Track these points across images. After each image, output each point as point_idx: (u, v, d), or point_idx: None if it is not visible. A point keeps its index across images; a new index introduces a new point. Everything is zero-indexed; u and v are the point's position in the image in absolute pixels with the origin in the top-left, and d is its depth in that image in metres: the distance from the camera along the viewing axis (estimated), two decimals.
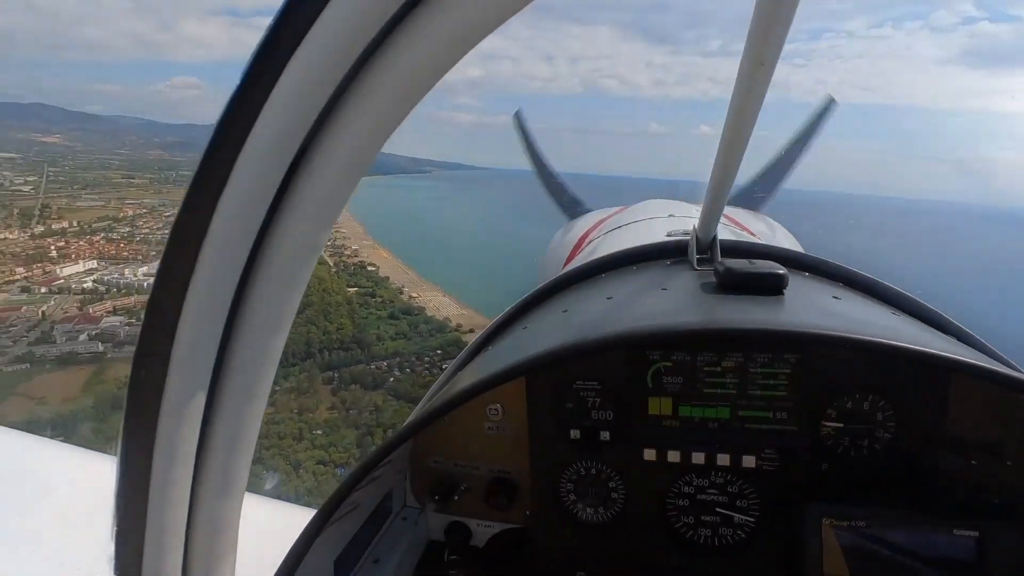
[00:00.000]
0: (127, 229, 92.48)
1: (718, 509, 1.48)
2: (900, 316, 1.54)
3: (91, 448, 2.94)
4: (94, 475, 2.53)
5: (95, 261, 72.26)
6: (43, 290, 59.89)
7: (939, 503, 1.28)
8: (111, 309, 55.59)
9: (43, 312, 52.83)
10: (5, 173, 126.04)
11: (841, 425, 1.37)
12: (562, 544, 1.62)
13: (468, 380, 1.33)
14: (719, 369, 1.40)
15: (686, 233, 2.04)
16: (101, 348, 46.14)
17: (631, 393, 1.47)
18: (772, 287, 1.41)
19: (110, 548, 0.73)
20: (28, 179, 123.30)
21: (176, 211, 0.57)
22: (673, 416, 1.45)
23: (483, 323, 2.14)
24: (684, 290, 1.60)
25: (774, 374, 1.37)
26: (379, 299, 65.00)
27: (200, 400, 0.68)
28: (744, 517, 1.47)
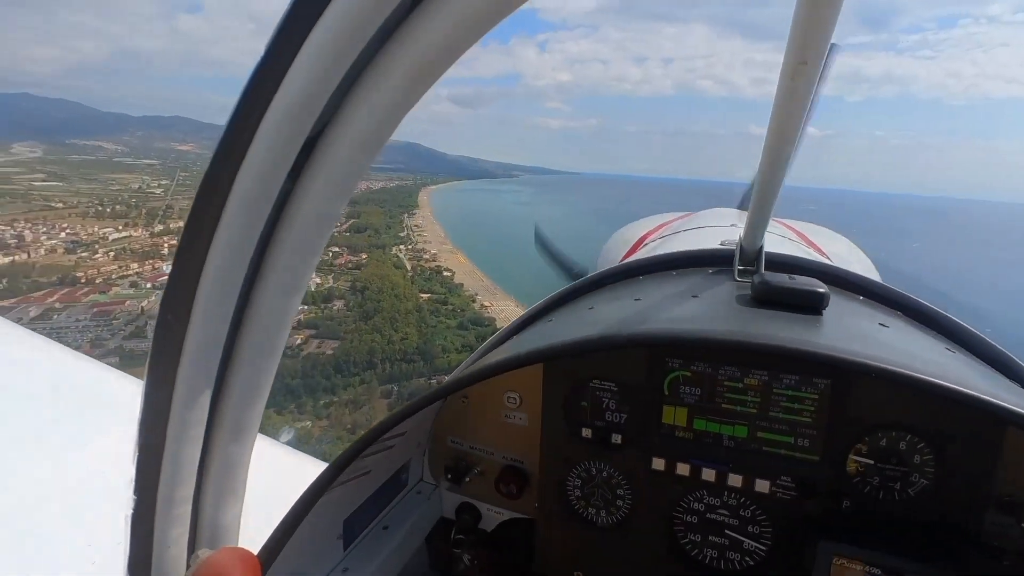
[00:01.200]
0: None
1: (728, 531, 1.39)
2: (958, 353, 1.35)
3: None
4: None
5: None
6: (148, 285, 63.43)
7: (975, 565, 1.15)
8: None
9: (143, 307, 55.36)
10: (144, 177, 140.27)
11: (871, 462, 1.25)
12: (564, 541, 1.59)
13: (487, 363, 1.33)
14: (741, 385, 1.33)
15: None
16: None
17: (647, 399, 1.41)
18: (810, 305, 1.30)
19: (131, 472, 0.78)
20: (162, 182, 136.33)
21: (206, 169, 0.61)
22: (687, 428, 1.38)
23: None
24: (716, 299, 1.49)
25: (800, 398, 1.28)
26: (450, 307, 62.58)
27: (218, 349, 0.72)
28: (755, 544, 1.37)
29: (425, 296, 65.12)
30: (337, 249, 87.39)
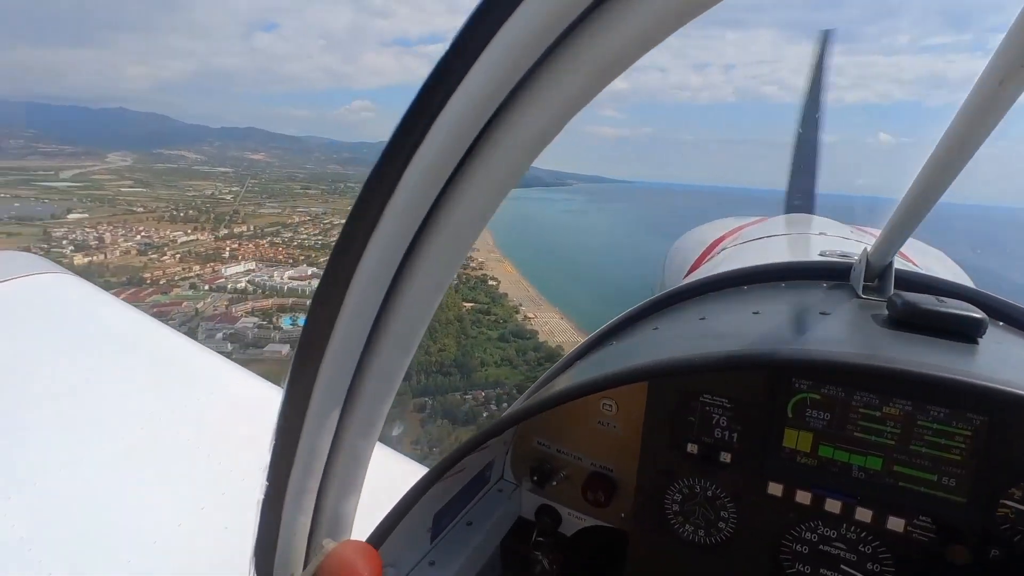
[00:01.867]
0: (290, 234, 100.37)
1: (843, 567, 1.30)
2: None
3: None
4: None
5: (254, 263, 78.18)
6: (206, 287, 65.33)
7: None
8: (249, 310, 58.14)
9: (197, 309, 56.73)
10: (218, 184, 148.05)
11: None
12: (657, 555, 1.54)
13: (592, 372, 1.29)
14: (878, 414, 1.21)
15: (843, 255, 1.94)
16: (229, 348, 47.62)
17: (766, 420, 1.32)
18: (966, 332, 1.19)
19: (266, 460, 0.81)
20: (232, 189, 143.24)
21: (367, 177, 0.61)
22: (811, 454, 1.28)
23: None
24: (848, 318, 1.40)
25: (950, 433, 1.16)
26: (493, 317, 60.57)
27: (360, 344, 0.72)
28: None
29: (468, 305, 63.52)
30: None
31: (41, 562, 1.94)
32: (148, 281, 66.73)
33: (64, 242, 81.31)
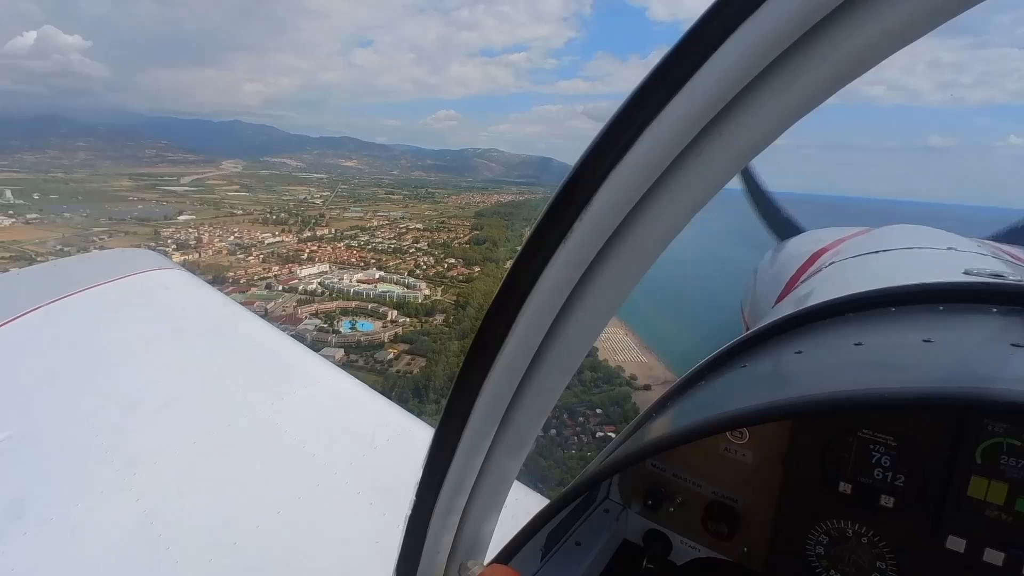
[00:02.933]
0: (366, 238, 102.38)
1: None
2: None
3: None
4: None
5: (328, 265, 79.86)
6: (280, 288, 67.16)
7: None
8: (314, 312, 58.53)
9: (267, 308, 58.02)
10: (312, 189, 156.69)
11: None
12: None
13: (730, 400, 1.21)
14: None
15: (995, 275, 1.81)
16: None
17: (945, 464, 1.18)
18: None
19: (418, 474, 0.79)
20: (323, 194, 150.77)
21: (563, 183, 0.58)
22: (1005, 508, 1.12)
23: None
24: None
25: None
26: None
27: (526, 362, 0.69)
28: None
29: None
30: (453, 260, 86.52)
31: (161, 536, 2.10)
32: (230, 280, 69.89)
33: (169, 241, 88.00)
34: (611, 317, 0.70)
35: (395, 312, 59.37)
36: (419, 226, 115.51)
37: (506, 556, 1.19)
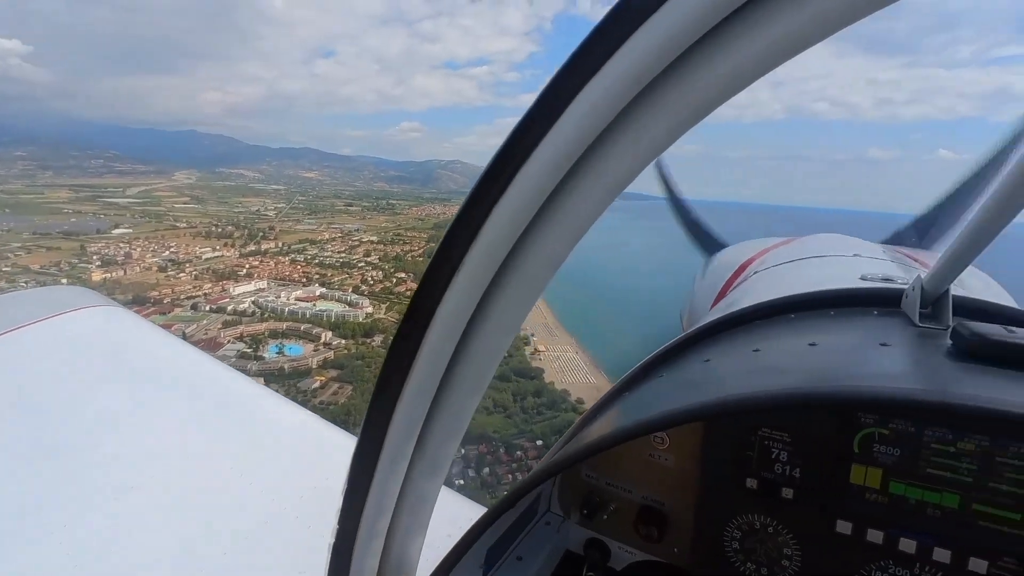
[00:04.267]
0: (315, 251, 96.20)
1: None
2: None
3: None
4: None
5: (266, 281, 73.59)
6: (208, 307, 60.73)
7: None
8: (239, 335, 52.53)
9: (185, 332, 51.74)
10: (267, 201, 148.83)
11: None
12: None
13: (646, 410, 1.24)
14: (952, 450, 1.13)
15: (886, 279, 1.93)
16: None
17: (831, 455, 1.26)
18: None
19: (339, 502, 0.80)
20: (278, 205, 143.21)
21: (455, 215, 0.60)
22: (881, 491, 1.21)
23: None
24: (911, 350, 1.33)
25: None
26: None
27: (434, 386, 0.71)
28: None
29: None
30: (403, 274, 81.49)
31: None
32: (152, 300, 63.02)
33: (95, 257, 79.91)
34: (512, 338, 0.71)
35: (330, 333, 54.11)
36: (373, 239, 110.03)
37: (442, 574, 1.19)
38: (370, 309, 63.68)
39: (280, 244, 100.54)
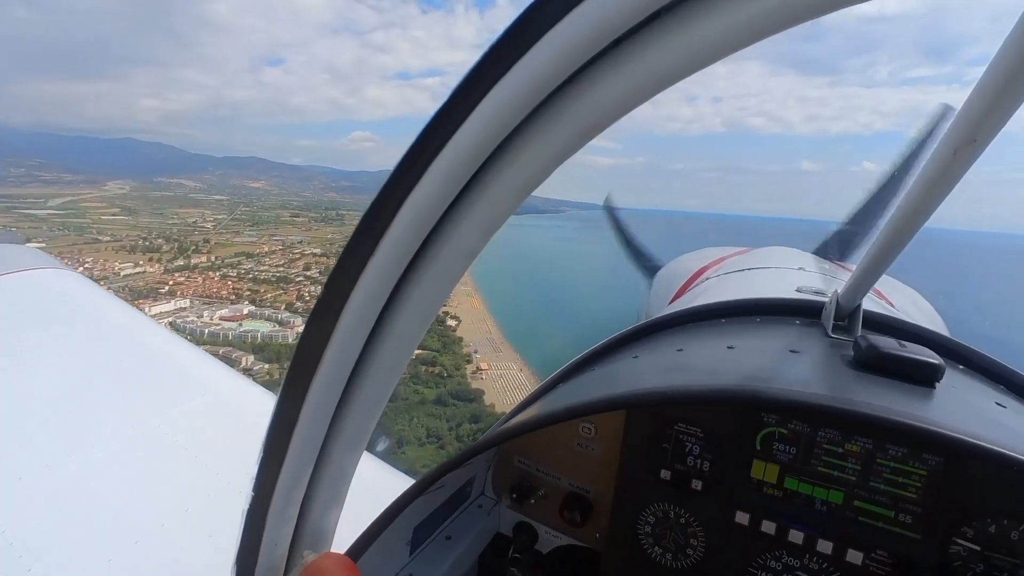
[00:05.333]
0: (250, 266, 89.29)
1: None
2: None
3: None
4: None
5: (188, 300, 66.78)
6: None
7: None
8: None
9: None
10: (206, 212, 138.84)
11: (977, 548, 1.12)
12: None
13: (572, 398, 1.32)
14: (840, 450, 1.21)
15: (818, 292, 1.98)
16: None
17: (735, 450, 1.33)
18: (923, 377, 1.21)
19: (253, 471, 0.81)
20: (218, 217, 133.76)
21: (369, 205, 0.62)
22: (777, 486, 1.29)
23: None
24: (816, 358, 1.41)
25: (907, 472, 1.16)
26: (437, 369, 48.77)
27: (349, 365, 0.73)
28: None
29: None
30: None
31: (22, 558, 1.91)
32: None
33: None
34: (427, 325, 0.74)
35: (252, 357, 48.75)
36: (317, 251, 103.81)
37: (361, 547, 1.19)
38: (302, 328, 58.50)
39: (213, 258, 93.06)
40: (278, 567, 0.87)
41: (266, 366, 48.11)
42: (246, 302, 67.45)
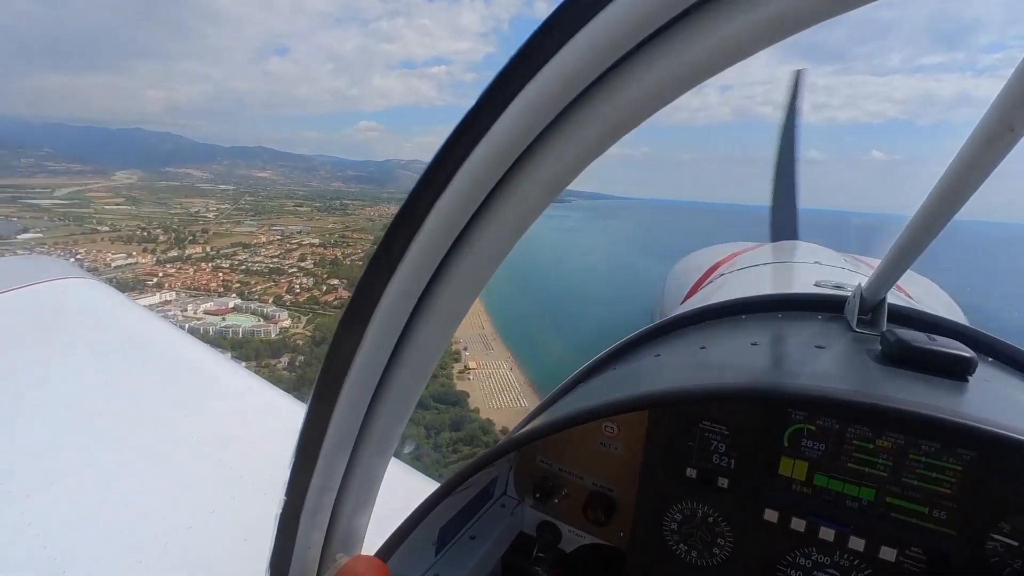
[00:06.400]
0: (244, 256, 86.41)
1: None
2: None
3: None
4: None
5: (174, 293, 63.98)
6: None
7: None
8: None
9: None
10: (210, 201, 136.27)
11: (1015, 544, 1.09)
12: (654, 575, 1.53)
13: (597, 398, 1.30)
14: (871, 446, 1.18)
15: (837, 286, 1.96)
16: None
17: (762, 448, 1.30)
18: (956, 371, 1.18)
19: (285, 475, 0.81)
20: (221, 207, 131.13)
21: (399, 208, 0.62)
22: (806, 483, 1.26)
23: None
24: (843, 353, 1.38)
25: (940, 467, 1.13)
26: None
27: (380, 369, 0.73)
28: None
29: None
30: (336, 281, 73.13)
31: (56, 560, 1.96)
32: None
33: None
34: (456, 326, 0.73)
35: (227, 356, 45.68)
36: (315, 241, 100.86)
37: (390, 548, 1.20)
38: (287, 323, 55.45)
39: (209, 249, 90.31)
40: (311, 570, 0.87)
41: (244, 364, 45.19)
42: (234, 295, 64.55)
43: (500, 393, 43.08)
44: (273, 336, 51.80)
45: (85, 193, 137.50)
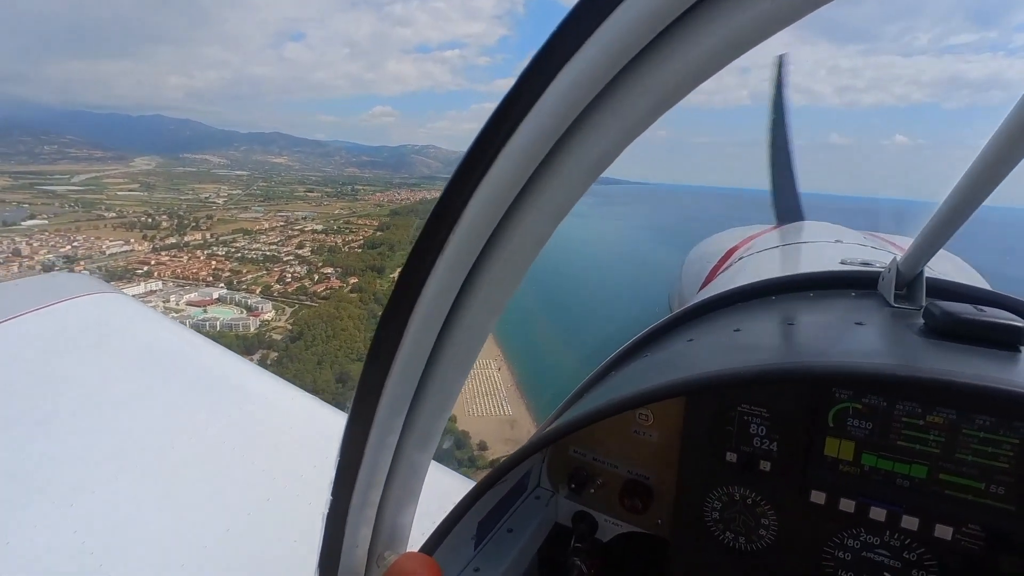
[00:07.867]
0: (242, 243, 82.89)
1: (887, 574, 1.23)
2: None
3: None
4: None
5: (161, 283, 60.66)
6: None
7: None
8: None
9: None
10: (223, 187, 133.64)
11: None
12: (696, 562, 1.48)
13: (629, 387, 1.25)
14: (921, 423, 1.13)
15: (865, 263, 1.93)
16: None
17: (806, 429, 1.25)
18: (1008, 341, 1.12)
19: (331, 474, 0.80)
20: (232, 192, 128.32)
21: (439, 197, 0.60)
22: (854, 463, 1.21)
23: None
24: (885, 328, 1.33)
25: (996, 441, 1.08)
26: None
27: (422, 362, 0.71)
28: None
29: None
30: (331, 270, 69.09)
31: (100, 566, 2.00)
32: None
33: None
34: (497, 316, 0.70)
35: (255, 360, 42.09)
36: (318, 227, 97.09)
37: (433, 544, 1.21)
38: (270, 315, 51.58)
39: (208, 236, 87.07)
40: (359, 568, 0.86)
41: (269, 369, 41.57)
42: (221, 284, 60.98)
43: (482, 398, 38.50)
44: (252, 329, 48.04)
45: (101, 180, 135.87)
